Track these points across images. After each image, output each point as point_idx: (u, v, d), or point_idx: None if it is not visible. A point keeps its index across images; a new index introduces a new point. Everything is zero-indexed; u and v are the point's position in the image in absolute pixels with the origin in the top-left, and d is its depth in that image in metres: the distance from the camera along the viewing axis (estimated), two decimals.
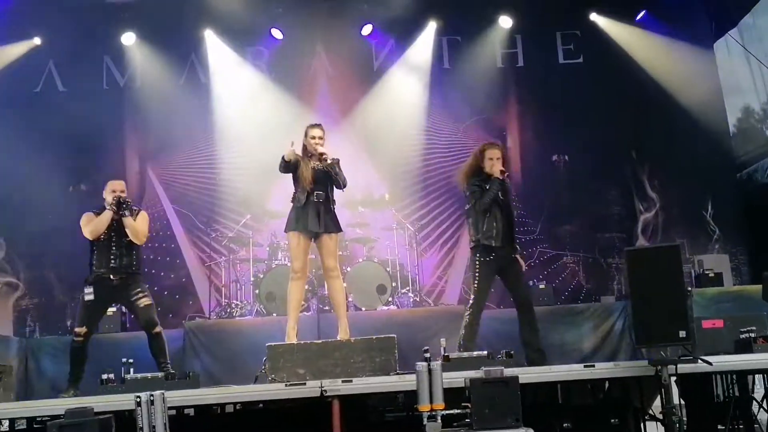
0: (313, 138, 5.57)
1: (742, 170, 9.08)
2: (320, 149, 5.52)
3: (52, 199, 8.56)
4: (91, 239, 5.71)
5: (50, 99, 9.05)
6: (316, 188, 5.48)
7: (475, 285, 5.61)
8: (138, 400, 4.17)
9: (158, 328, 5.68)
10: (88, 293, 5.62)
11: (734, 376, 5.04)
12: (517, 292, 5.68)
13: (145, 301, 5.67)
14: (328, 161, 5.51)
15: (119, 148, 9.25)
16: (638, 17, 9.33)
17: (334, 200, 5.64)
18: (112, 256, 5.67)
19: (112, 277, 5.66)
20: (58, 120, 8.72)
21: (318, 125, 5.67)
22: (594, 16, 9.38)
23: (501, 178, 5.61)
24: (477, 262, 5.62)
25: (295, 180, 5.58)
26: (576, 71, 9.50)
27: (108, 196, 5.78)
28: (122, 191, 5.79)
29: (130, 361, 5.28)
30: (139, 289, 5.69)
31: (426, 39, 9.45)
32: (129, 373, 5.12)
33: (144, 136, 9.33)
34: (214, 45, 9.30)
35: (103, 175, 8.79)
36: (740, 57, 8.83)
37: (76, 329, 5.65)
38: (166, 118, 9.19)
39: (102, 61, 9.25)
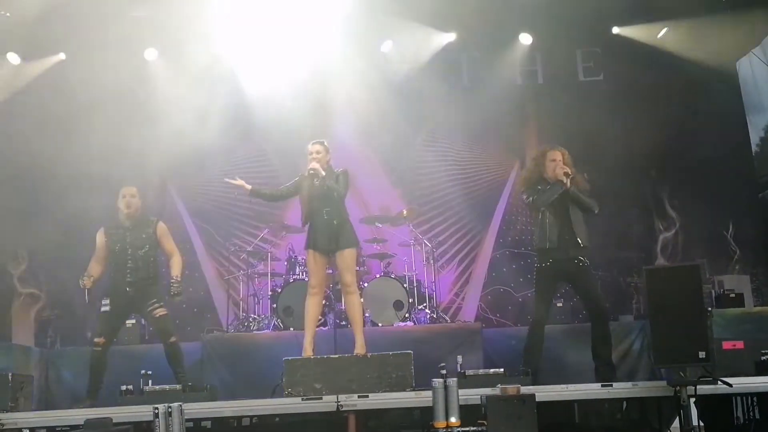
0: (310, 154, 5.60)
1: (765, 190, 8.98)
2: (312, 164, 5.52)
3: (72, 211, 8.68)
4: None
5: (73, 113, 9.20)
6: (322, 206, 5.50)
7: (534, 292, 5.51)
8: (156, 411, 4.23)
9: (173, 338, 5.73)
10: (105, 305, 5.71)
11: (755, 399, 4.98)
12: (587, 301, 5.50)
13: (160, 312, 5.72)
14: (321, 174, 5.49)
15: (140, 162, 9.36)
16: (659, 35, 9.31)
17: (345, 213, 5.62)
18: (128, 269, 5.74)
19: (128, 288, 5.72)
20: (80, 132, 8.87)
21: (318, 142, 5.66)
22: (615, 33, 9.36)
23: (564, 181, 5.43)
24: (534, 268, 5.53)
25: (300, 201, 5.62)
26: (596, 88, 9.49)
27: (119, 201, 5.82)
28: (132, 196, 5.85)
29: (149, 372, 5.35)
30: (154, 300, 5.74)
31: (445, 56, 9.47)
32: (147, 384, 5.19)
33: (165, 150, 9.44)
34: (232, 61, 9.41)
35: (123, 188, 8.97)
36: (763, 75, 8.77)
37: (95, 339, 5.74)
38: (187, 131, 9.29)
39: (125, 76, 9.39)
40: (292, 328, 7.39)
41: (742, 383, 4.54)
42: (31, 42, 8.68)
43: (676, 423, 4.67)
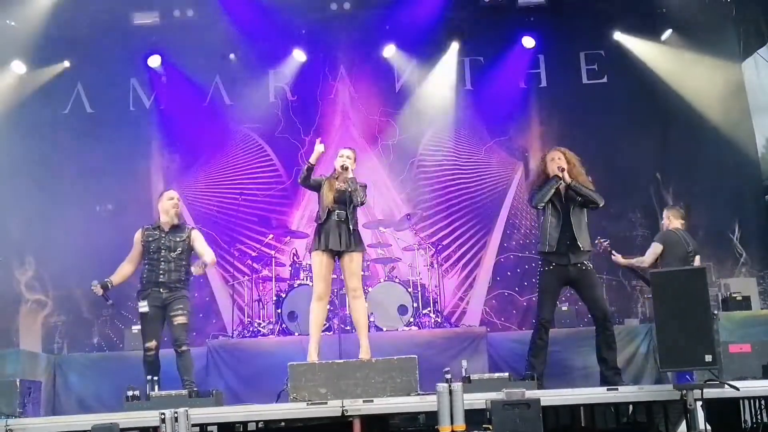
0: (341, 156, 5.64)
1: None
2: (342, 162, 5.56)
3: (80, 219, 8.73)
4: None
5: (78, 120, 9.26)
6: (337, 208, 5.54)
7: (538, 296, 5.50)
8: (162, 416, 4.23)
9: (185, 347, 5.75)
10: (142, 306, 5.76)
11: (762, 402, 4.95)
12: (591, 305, 5.47)
13: (180, 320, 5.77)
14: (349, 175, 5.56)
15: (145, 169, 9.41)
16: (663, 36, 9.29)
17: (356, 219, 5.67)
18: (161, 271, 5.82)
19: (161, 290, 5.79)
20: (86, 141, 8.92)
21: (349, 147, 5.78)
22: (618, 35, 9.36)
23: (559, 176, 5.43)
24: (538, 272, 5.53)
25: (319, 200, 5.66)
26: (600, 91, 9.47)
27: (166, 203, 5.94)
28: (179, 199, 6.06)
29: (155, 378, 5.35)
30: (180, 306, 5.80)
31: (448, 60, 9.50)
32: (154, 389, 5.19)
33: (169, 157, 9.49)
34: (236, 67, 9.44)
35: (129, 195, 9.03)
36: None
37: (146, 344, 5.78)
38: (191, 139, 9.35)
39: (128, 82, 9.45)
40: (296, 333, 7.39)
41: (749, 386, 4.51)
42: (36, 50, 8.72)
43: (683, 427, 4.65)
